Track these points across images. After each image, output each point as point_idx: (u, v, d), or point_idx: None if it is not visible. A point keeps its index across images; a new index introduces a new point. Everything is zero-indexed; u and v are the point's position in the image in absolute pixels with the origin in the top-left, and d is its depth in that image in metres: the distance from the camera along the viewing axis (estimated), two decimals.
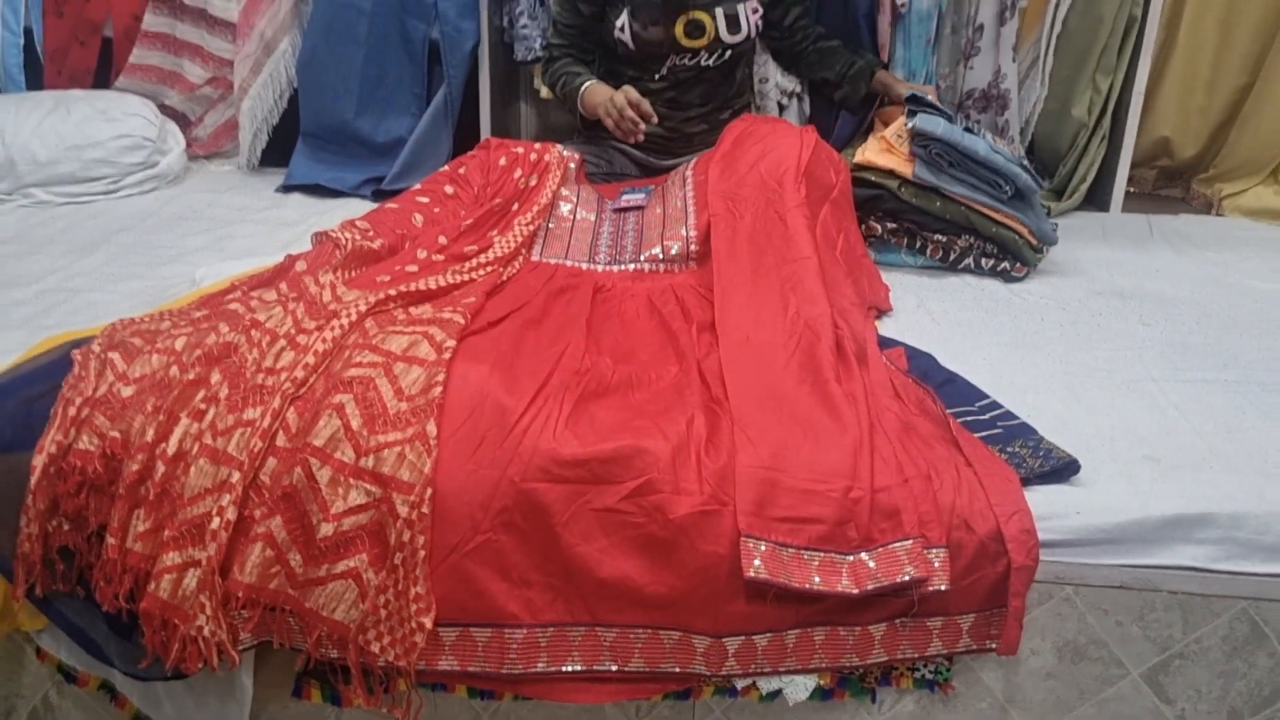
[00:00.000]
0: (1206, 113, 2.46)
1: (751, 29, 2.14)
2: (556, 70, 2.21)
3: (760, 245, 1.67)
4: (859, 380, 1.41)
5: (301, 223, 2.19)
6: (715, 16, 2.10)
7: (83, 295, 1.78)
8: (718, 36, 2.11)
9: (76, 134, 2.35)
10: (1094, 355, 1.64)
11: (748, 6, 2.12)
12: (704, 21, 2.09)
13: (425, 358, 1.34)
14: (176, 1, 2.53)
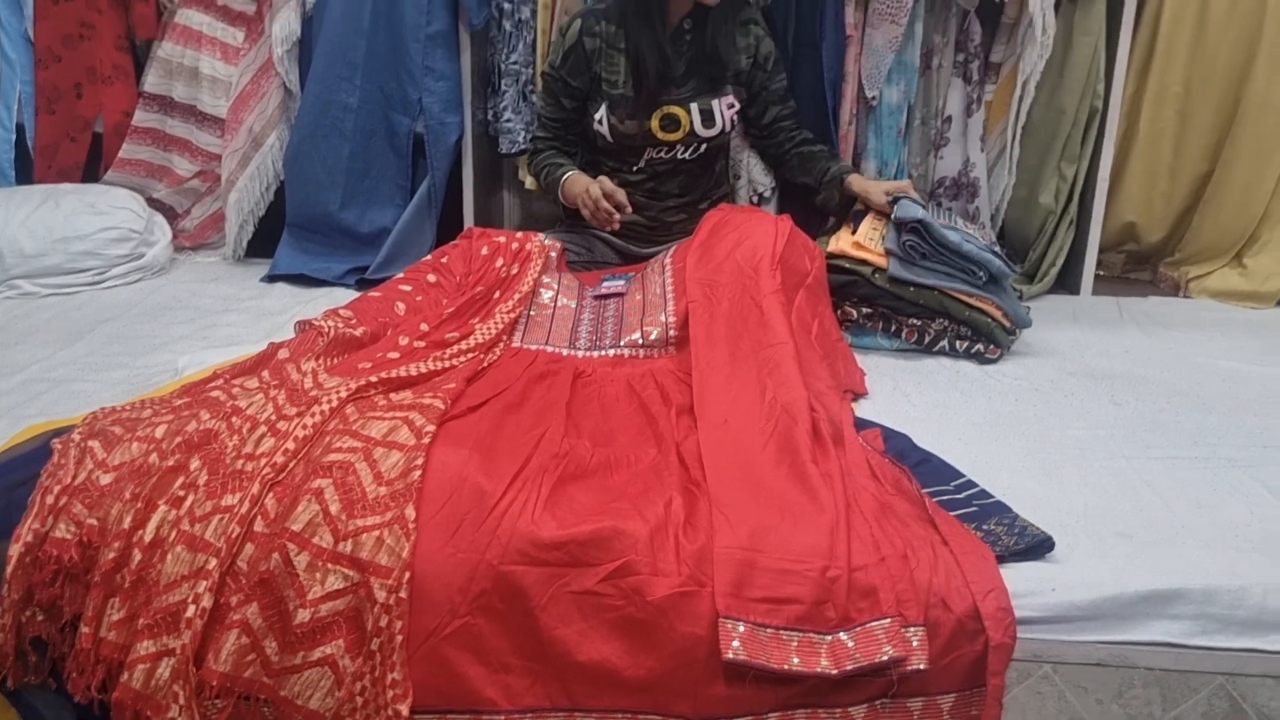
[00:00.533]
0: (1170, 199, 2.53)
1: (726, 124, 2.21)
2: (540, 161, 2.27)
3: (737, 330, 1.70)
4: (835, 461, 1.43)
5: (285, 312, 2.21)
6: (690, 111, 2.17)
7: (65, 385, 1.79)
8: (693, 130, 2.18)
9: (64, 227, 2.39)
10: (1067, 434, 1.67)
11: (723, 102, 2.19)
12: (679, 116, 2.16)
13: (405, 442, 1.35)
14: (167, 99, 2.59)
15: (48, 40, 2.56)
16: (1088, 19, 2.34)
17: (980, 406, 1.78)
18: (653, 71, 2.11)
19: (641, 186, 2.25)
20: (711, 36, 2.13)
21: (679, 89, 2.16)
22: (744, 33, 2.19)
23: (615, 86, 2.15)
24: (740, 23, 2.18)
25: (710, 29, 2.13)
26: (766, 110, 2.26)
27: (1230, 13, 2.34)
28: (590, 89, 2.19)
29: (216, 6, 2.52)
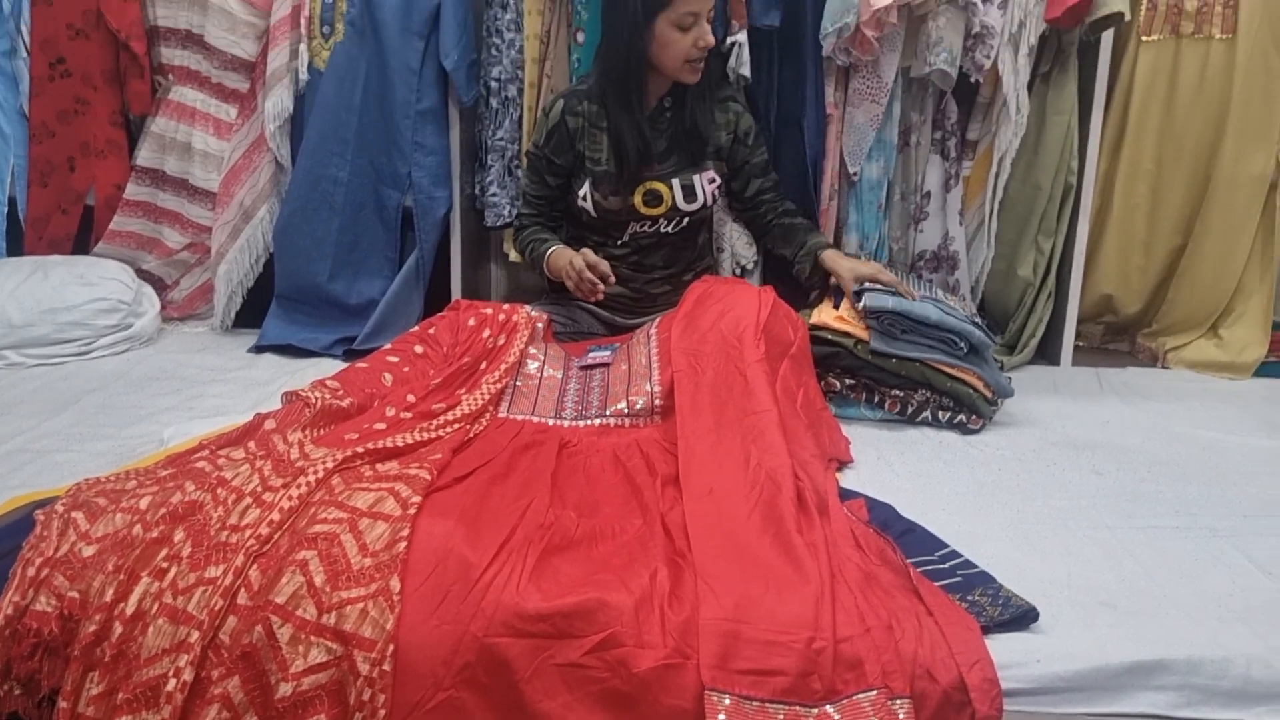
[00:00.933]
0: (1145, 271, 2.58)
1: (708, 198, 2.25)
2: (526, 237, 2.31)
3: (722, 399, 1.72)
4: (820, 531, 1.43)
5: (272, 382, 2.22)
6: (672, 187, 2.21)
7: (49, 455, 1.79)
8: (675, 205, 2.22)
9: (53, 298, 2.40)
10: (1049, 504, 1.68)
11: (704, 177, 2.23)
12: (661, 191, 2.21)
13: (390, 513, 1.35)
14: (160, 172, 2.62)
15: (43, 115, 2.60)
16: (1060, 99, 2.41)
17: (963, 476, 1.80)
18: (632, 150, 2.16)
19: (626, 260, 2.29)
20: (691, 114, 2.19)
21: (661, 165, 2.21)
22: (723, 110, 2.24)
23: (598, 164, 2.20)
24: (719, 100, 2.24)
25: (689, 107, 2.19)
26: (749, 183, 2.31)
27: (1197, 94, 2.41)
28: (574, 166, 2.24)
29: (211, 84, 2.57)
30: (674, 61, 2.10)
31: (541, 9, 2.44)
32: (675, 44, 2.07)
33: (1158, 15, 2.40)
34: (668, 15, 2.04)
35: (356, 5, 2.44)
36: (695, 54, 2.08)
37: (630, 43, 2.09)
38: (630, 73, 2.12)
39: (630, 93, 2.14)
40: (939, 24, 2.28)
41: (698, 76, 2.14)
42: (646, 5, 2.04)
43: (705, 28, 2.07)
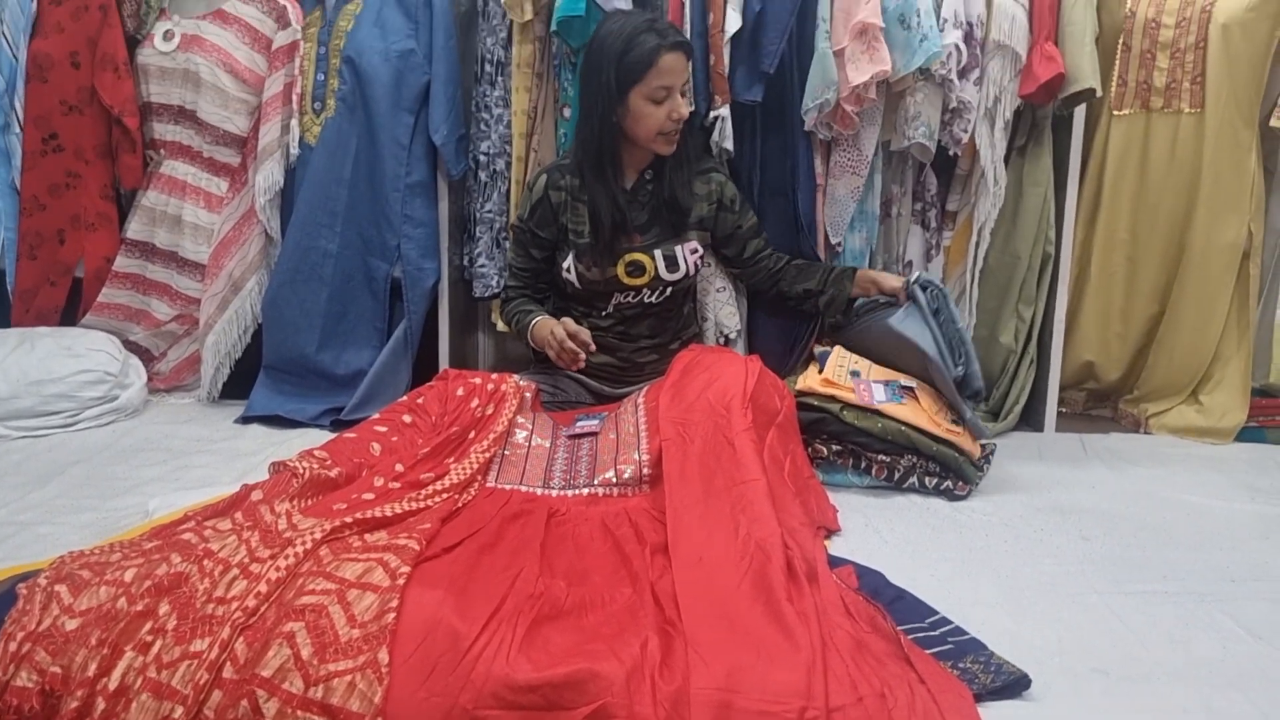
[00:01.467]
0: (1125, 339, 2.62)
1: (690, 267, 2.28)
2: (511, 309, 2.34)
3: (710, 468, 1.72)
4: (810, 599, 1.43)
5: (259, 453, 2.21)
6: (654, 257, 2.24)
7: (32, 528, 1.77)
8: (658, 275, 2.25)
9: (39, 369, 2.40)
10: (1038, 570, 1.68)
11: (686, 247, 2.27)
12: (643, 262, 2.24)
13: (379, 584, 1.34)
14: (149, 245, 2.64)
15: (34, 189, 2.62)
16: (1036, 171, 2.48)
17: (951, 542, 1.80)
18: (608, 222, 2.19)
19: (612, 330, 2.31)
20: (670, 186, 2.23)
21: (643, 236, 2.24)
22: (705, 181, 2.29)
23: (581, 236, 2.23)
24: (699, 172, 2.28)
25: (668, 179, 2.23)
26: (745, 246, 2.35)
27: (1168, 165, 2.47)
28: (558, 239, 2.27)
29: (202, 158, 2.60)
30: (648, 134, 2.14)
31: (529, 85, 2.49)
32: (649, 117, 2.11)
33: (1128, 91, 2.48)
34: (640, 89, 2.09)
35: (348, 82, 2.49)
36: (669, 126, 2.13)
37: (604, 116, 2.13)
38: (604, 146, 2.17)
39: (605, 165, 2.18)
40: (917, 99, 2.35)
41: (672, 148, 2.18)
42: (619, 80, 2.09)
43: (678, 100, 2.12)
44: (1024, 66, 2.35)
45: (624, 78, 2.09)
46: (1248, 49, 2.37)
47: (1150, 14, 2.43)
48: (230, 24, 2.55)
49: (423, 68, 2.49)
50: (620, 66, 2.08)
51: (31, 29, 2.59)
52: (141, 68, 2.59)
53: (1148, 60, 2.45)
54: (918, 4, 2.24)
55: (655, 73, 2.07)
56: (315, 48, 2.53)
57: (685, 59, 2.12)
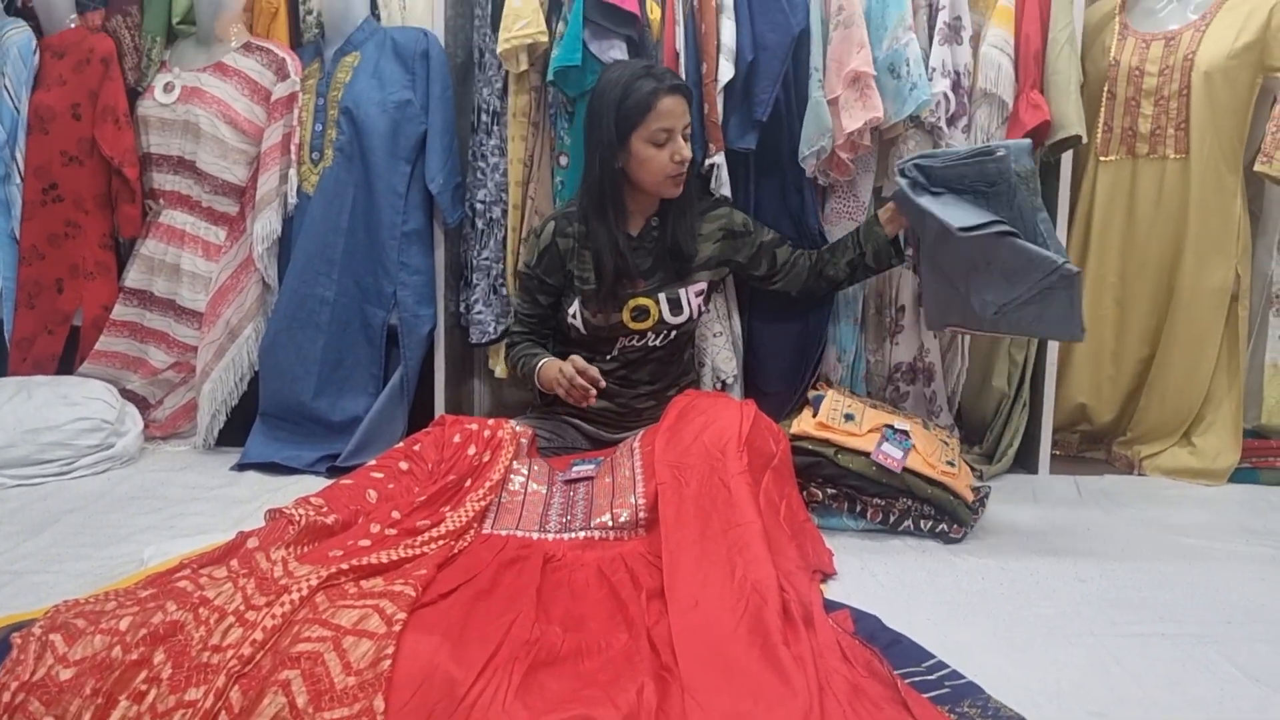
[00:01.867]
0: (1116, 381, 2.64)
1: (694, 311, 2.30)
2: (517, 353, 2.35)
3: (706, 511, 1.73)
4: (806, 643, 1.43)
5: (254, 500, 2.21)
6: (659, 301, 2.26)
7: (26, 577, 1.76)
8: (662, 319, 2.27)
9: (35, 418, 2.41)
10: (1034, 612, 1.68)
11: (691, 290, 2.28)
12: (648, 306, 2.26)
13: (375, 631, 1.34)
14: (147, 293, 2.66)
15: (33, 239, 2.65)
16: None
17: (948, 585, 1.80)
18: (610, 268, 2.20)
19: (614, 375, 2.32)
20: (672, 233, 2.24)
21: (647, 281, 2.26)
22: (710, 220, 2.30)
23: (587, 283, 2.25)
24: (702, 214, 2.30)
25: (671, 225, 2.25)
26: (775, 257, 2.33)
27: (1155, 210, 2.51)
28: (564, 286, 2.29)
29: (201, 208, 2.63)
30: (653, 177, 2.16)
31: (525, 134, 2.53)
32: (652, 160, 2.13)
33: (1114, 137, 2.52)
34: (640, 133, 2.11)
35: (346, 132, 2.52)
36: (673, 169, 2.14)
37: (606, 163, 2.16)
38: (607, 193, 2.18)
39: (608, 210, 2.20)
40: (908, 146, 2.38)
41: (679, 190, 2.19)
42: (620, 125, 2.11)
43: (680, 142, 2.13)
44: (1011, 114, 2.39)
45: (624, 123, 2.11)
46: (1230, 96, 2.41)
47: (1134, 62, 2.48)
48: (230, 76, 2.59)
49: (419, 118, 2.53)
50: (619, 112, 2.11)
51: (34, 82, 2.63)
52: (142, 119, 2.63)
53: (1132, 107, 2.49)
54: (907, 54, 2.29)
55: (654, 115, 2.10)
56: (314, 99, 2.57)
57: (684, 101, 2.13)
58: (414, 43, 2.53)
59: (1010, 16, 2.37)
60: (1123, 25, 2.54)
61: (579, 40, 2.33)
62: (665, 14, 2.38)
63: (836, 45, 2.34)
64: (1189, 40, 2.43)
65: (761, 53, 2.35)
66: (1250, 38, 2.38)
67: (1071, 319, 1.96)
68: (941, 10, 2.36)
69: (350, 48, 2.56)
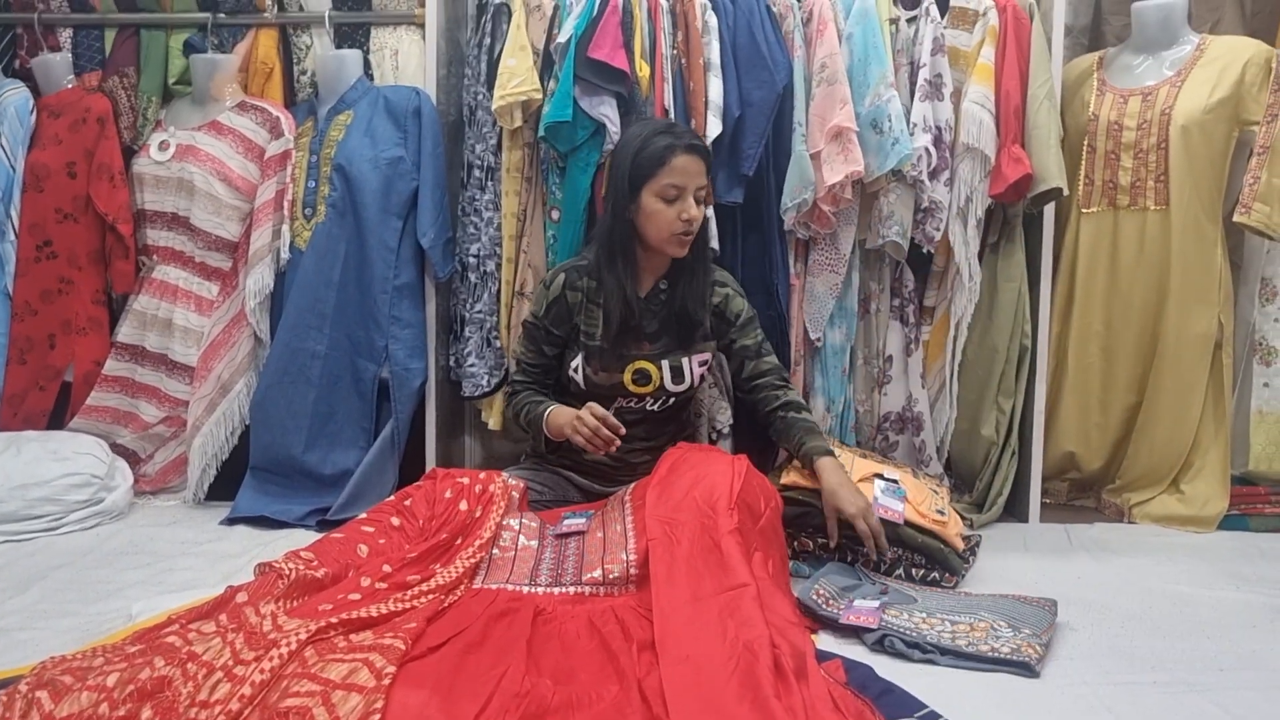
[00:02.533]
0: (1104, 429, 2.65)
1: (695, 379, 2.27)
2: (520, 401, 2.29)
3: (698, 571, 1.71)
4: (798, 695, 1.42)
5: (244, 554, 2.20)
6: (661, 368, 2.23)
7: (12, 634, 1.75)
8: (663, 385, 2.23)
9: (24, 473, 2.40)
10: None
11: (694, 359, 2.25)
12: (650, 371, 2.22)
13: (365, 684, 1.34)
14: (139, 348, 2.67)
15: (26, 295, 2.67)
16: (1009, 266, 2.55)
17: None
18: (617, 325, 2.16)
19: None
20: (681, 297, 2.20)
21: (652, 345, 2.22)
22: (714, 292, 2.26)
23: (592, 339, 2.21)
24: (711, 282, 2.26)
25: (681, 289, 2.21)
26: (744, 365, 2.27)
27: (1138, 260, 2.55)
28: (570, 338, 2.26)
29: (194, 263, 2.65)
30: (659, 233, 2.12)
31: (519, 189, 2.57)
32: (659, 215, 2.10)
33: (1095, 189, 2.57)
34: (652, 186, 2.09)
35: (338, 189, 2.56)
36: (679, 226, 2.10)
37: (618, 214, 2.15)
38: (618, 243, 2.16)
39: (618, 262, 2.16)
40: (890, 199, 2.43)
41: (684, 250, 2.15)
42: (633, 176, 2.11)
43: (690, 202, 2.10)
44: (993, 168, 2.44)
45: (637, 175, 2.11)
46: (1207, 149, 2.46)
47: (1112, 117, 2.54)
48: (225, 135, 2.63)
49: (411, 174, 2.57)
50: (634, 164, 2.11)
51: (30, 141, 2.66)
52: (137, 176, 2.66)
53: (1112, 160, 2.54)
54: (889, 110, 2.34)
55: (667, 171, 2.08)
56: (307, 156, 2.61)
57: (700, 162, 2.11)
58: (406, 101, 2.58)
59: (990, 74, 2.43)
60: (1100, 81, 2.60)
61: (570, 97, 2.38)
62: (654, 71, 2.43)
63: (820, 101, 2.40)
64: (1165, 95, 2.49)
65: (748, 109, 2.40)
66: (1225, 93, 2.44)
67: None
68: (923, 68, 2.42)
69: (344, 106, 2.61)
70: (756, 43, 2.41)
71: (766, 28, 2.43)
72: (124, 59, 2.72)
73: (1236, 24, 2.76)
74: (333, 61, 2.63)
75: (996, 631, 1.71)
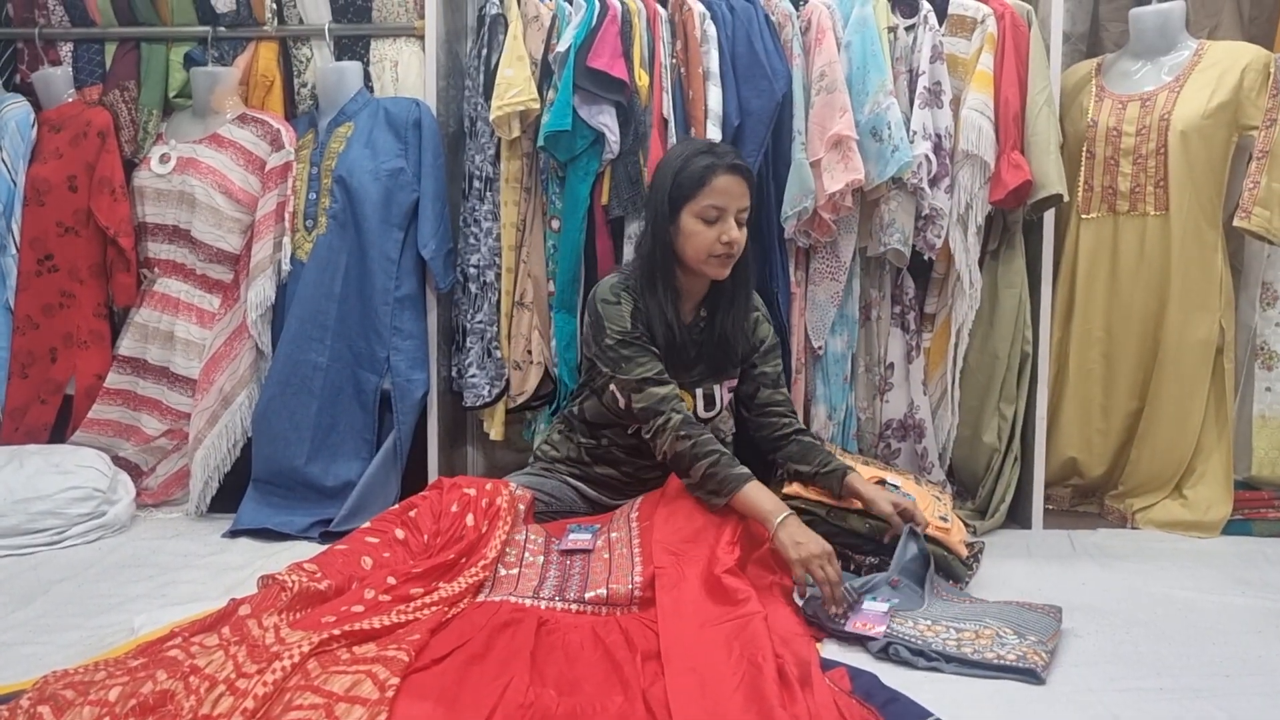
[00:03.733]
0: (1106, 435, 2.65)
1: (724, 405, 2.24)
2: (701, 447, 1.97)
3: (705, 604, 1.70)
4: (803, 704, 1.42)
5: (247, 566, 2.20)
6: (695, 396, 2.19)
7: (15, 648, 1.75)
8: (694, 411, 2.18)
9: (26, 487, 2.40)
10: None
11: (725, 386, 2.23)
12: (684, 398, 2.17)
13: (368, 697, 1.33)
14: (141, 361, 2.67)
15: (28, 309, 2.67)
16: (1010, 273, 2.55)
17: None
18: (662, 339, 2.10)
19: (627, 445, 2.24)
20: (721, 325, 2.16)
21: (688, 373, 2.18)
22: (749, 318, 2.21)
23: None
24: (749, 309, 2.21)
25: (720, 316, 2.16)
26: (759, 391, 2.22)
27: (1138, 265, 2.55)
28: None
29: (195, 275, 2.66)
30: (697, 254, 2.06)
31: (518, 199, 2.57)
32: (698, 235, 2.04)
33: (1094, 195, 2.57)
34: (692, 206, 2.04)
35: (339, 200, 2.56)
36: (719, 249, 2.04)
37: (658, 235, 2.08)
38: (658, 265, 2.10)
39: (658, 285, 2.10)
40: (890, 207, 2.43)
41: (724, 272, 2.09)
42: (673, 197, 2.06)
43: (730, 223, 2.03)
44: (993, 174, 2.44)
45: (677, 195, 2.05)
46: (1206, 154, 2.47)
47: (1111, 123, 2.54)
48: (225, 147, 2.63)
49: (412, 185, 2.57)
50: (674, 182, 2.06)
51: (31, 155, 2.67)
52: (138, 189, 2.66)
53: (1111, 166, 2.54)
54: (888, 117, 2.35)
55: (707, 191, 2.02)
56: (307, 168, 2.61)
57: (744, 183, 2.06)
58: (406, 112, 2.58)
59: (989, 81, 2.43)
60: (1099, 88, 2.60)
61: (569, 106, 2.38)
62: (653, 80, 2.44)
63: (819, 109, 2.40)
64: (1164, 101, 2.50)
65: (747, 118, 2.41)
66: (1224, 98, 2.44)
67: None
68: (922, 75, 2.42)
69: (344, 118, 2.61)
70: (755, 51, 2.42)
71: (765, 36, 2.43)
72: (124, 72, 2.73)
73: (1234, 29, 2.76)
74: (333, 74, 2.63)
75: (1002, 639, 1.71)
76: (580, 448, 2.29)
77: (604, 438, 2.25)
